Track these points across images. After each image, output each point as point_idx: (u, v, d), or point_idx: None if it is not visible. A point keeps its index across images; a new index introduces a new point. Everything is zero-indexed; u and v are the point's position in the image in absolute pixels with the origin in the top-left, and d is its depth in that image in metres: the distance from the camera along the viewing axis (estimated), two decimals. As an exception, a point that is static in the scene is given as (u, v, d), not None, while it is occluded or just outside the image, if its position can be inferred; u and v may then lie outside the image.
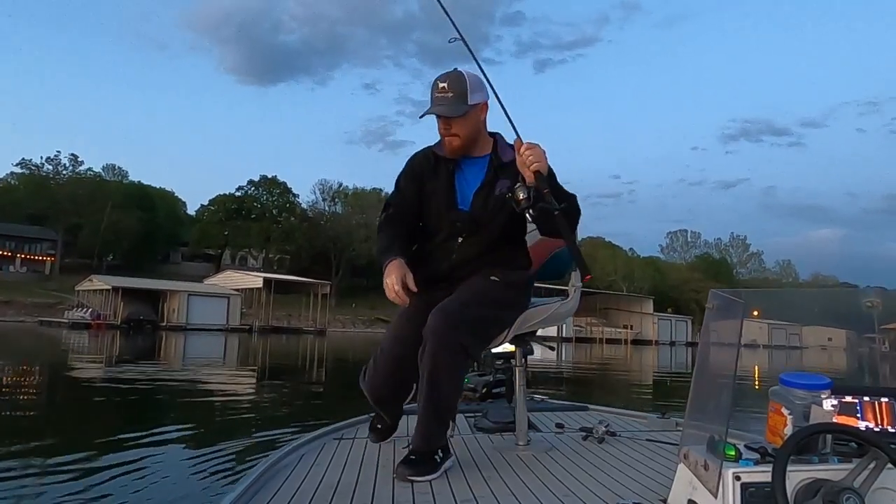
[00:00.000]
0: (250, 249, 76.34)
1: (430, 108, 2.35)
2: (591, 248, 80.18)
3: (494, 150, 2.47)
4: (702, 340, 2.01)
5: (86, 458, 4.37)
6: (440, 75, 2.37)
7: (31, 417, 6.77)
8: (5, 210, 62.92)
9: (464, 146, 2.41)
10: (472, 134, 2.41)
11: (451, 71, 2.38)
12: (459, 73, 2.35)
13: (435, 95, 2.35)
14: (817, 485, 1.54)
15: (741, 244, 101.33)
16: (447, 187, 2.44)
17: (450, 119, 2.34)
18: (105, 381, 10.83)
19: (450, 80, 2.33)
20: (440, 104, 2.33)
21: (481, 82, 2.37)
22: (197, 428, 6.13)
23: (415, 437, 2.30)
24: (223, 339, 31.67)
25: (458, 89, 2.32)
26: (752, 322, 1.86)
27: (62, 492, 3.54)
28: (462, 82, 2.33)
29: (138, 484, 3.75)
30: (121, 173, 74.80)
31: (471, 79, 2.35)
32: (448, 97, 2.32)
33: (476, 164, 2.46)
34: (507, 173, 2.39)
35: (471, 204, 2.42)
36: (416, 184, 2.47)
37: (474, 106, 2.35)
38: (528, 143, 2.22)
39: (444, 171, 2.45)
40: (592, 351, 35.65)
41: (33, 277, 61.44)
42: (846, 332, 2.53)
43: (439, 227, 2.47)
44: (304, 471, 2.32)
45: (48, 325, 40.87)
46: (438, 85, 2.34)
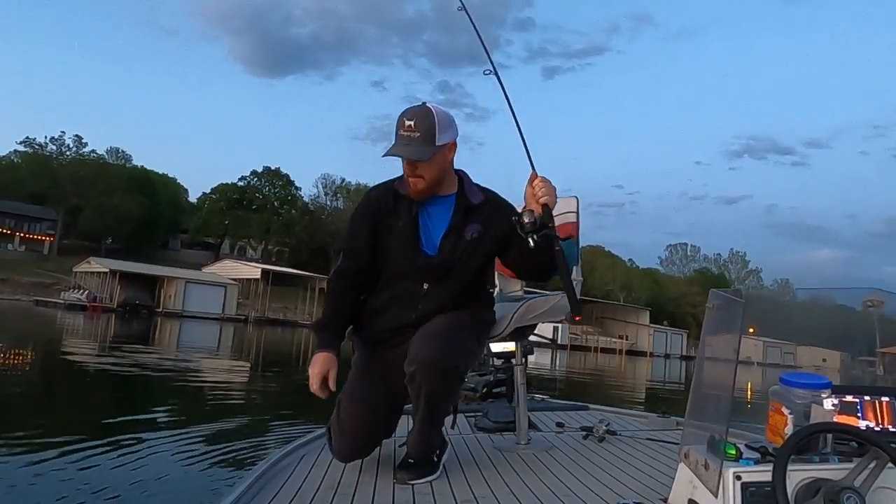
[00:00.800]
0: (250, 240, 76.20)
1: (393, 148, 2.16)
2: (590, 256, 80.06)
3: (461, 190, 2.32)
4: (702, 341, 2.01)
5: (79, 450, 4.26)
6: (407, 111, 2.18)
7: (15, 403, 6.67)
8: (7, 188, 62.73)
9: (429, 189, 2.25)
10: (439, 176, 2.25)
11: (419, 107, 2.19)
12: (427, 110, 2.17)
13: (400, 133, 2.16)
14: (818, 484, 1.55)
15: (740, 260, 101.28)
16: (410, 230, 2.27)
17: (418, 162, 2.18)
18: (97, 366, 10.79)
19: (417, 118, 2.14)
20: (406, 144, 2.15)
21: (450, 120, 2.21)
22: (191, 420, 6.05)
23: (412, 444, 2.28)
24: (218, 328, 31.59)
25: (426, 128, 2.13)
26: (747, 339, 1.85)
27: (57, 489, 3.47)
28: (430, 120, 2.14)
29: (135, 482, 3.68)
30: (124, 157, 74.67)
31: (439, 116, 2.17)
32: (415, 137, 2.13)
33: (442, 204, 2.31)
34: (477, 217, 2.29)
35: (438, 248, 2.27)
36: (371, 225, 2.30)
37: (442, 147, 2.18)
38: (542, 177, 2.18)
39: (406, 212, 2.28)
40: (587, 359, 35.62)
41: (31, 257, 61.33)
42: (840, 354, 2.53)
43: (402, 273, 2.30)
44: (305, 471, 2.32)
45: (44, 305, 40.76)
46: (405, 122, 2.15)
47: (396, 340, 2.29)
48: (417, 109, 2.17)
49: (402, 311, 2.29)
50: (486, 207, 2.32)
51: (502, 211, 2.33)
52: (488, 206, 2.32)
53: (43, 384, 8.42)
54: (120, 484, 3.62)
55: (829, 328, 2.47)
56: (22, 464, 3.84)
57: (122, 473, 3.81)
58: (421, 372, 2.08)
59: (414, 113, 2.16)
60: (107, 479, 3.67)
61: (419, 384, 2.10)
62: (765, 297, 4.72)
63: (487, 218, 2.30)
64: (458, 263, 2.27)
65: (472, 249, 2.27)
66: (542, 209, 2.11)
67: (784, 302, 2.58)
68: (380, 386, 2.28)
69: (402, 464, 2.28)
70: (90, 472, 3.79)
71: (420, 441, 2.26)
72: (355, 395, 2.29)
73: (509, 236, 2.24)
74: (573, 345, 52.14)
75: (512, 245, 2.27)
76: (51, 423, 5.33)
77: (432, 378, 2.09)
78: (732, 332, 1.76)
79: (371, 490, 2.13)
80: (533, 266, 2.31)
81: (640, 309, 65.32)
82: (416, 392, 2.12)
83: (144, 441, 4.76)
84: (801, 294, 2.56)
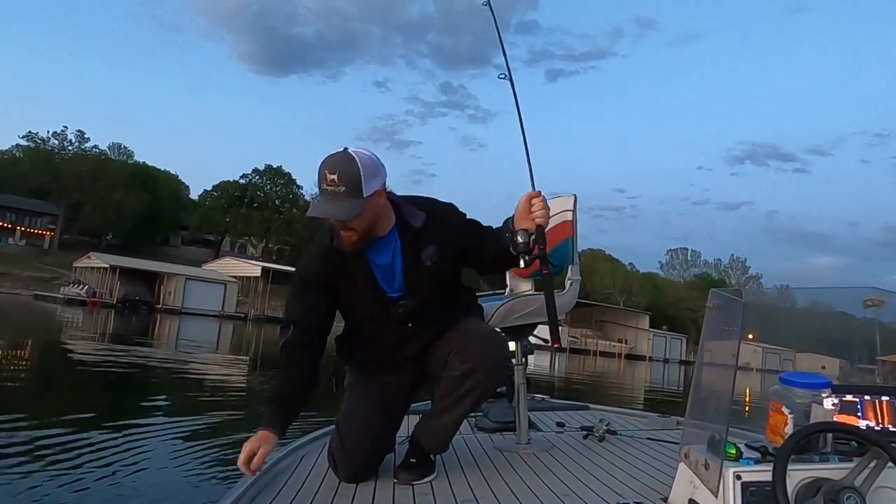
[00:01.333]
0: (250, 238, 76.14)
1: (318, 206, 1.99)
2: (591, 259, 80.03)
3: (401, 219, 2.19)
4: (702, 340, 2.02)
5: (76, 449, 4.25)
6: (328, 161, 1.99)
7: (10, 397, 6.65)
8: (8, 182, 62.73)
9: (365, 239, 2.11)
10: (372, 223, 2.10)
11: (341, 156, 2.00)
12: (350, 159, 1.98)
13: (323, 188, 1.99)
14: (818, 484, 1.55)
15: (741, 266, 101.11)
16: (370, 284, 2.17)
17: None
18: (94, 361, 10.77)
19: (339, 171, 1.95)
20: (330, 201, 1.97)
21: (375, 165, 2.03)
22: (190, 419, 6.00)
23: (436, 441, 2.30)
24: (218, 326, 31.59)
25: (350, 180, 1.95)
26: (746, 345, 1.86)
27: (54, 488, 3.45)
28: (354, 170, 1.96)
29: (134, 482, 3.68)
30: (126, 153, 74.71)
31: (363, 164, 1.98)
32: (339, 192, 1.96)
33: (386, 243, 2.18)
34: (426, 238, 2.19)
35: (404, 287, 2.19)
36: (322, 292, 2.18)
37: (370, 196, 2.00)
38: (541, 196, 2.09)
39: (357, 267, 2.16)
40: (586, 362, 35.57)
41: (32, 251, 61.29)
42: (840, 361, 2.53)
43: (381, 326, 2.25)
44: (305, 472, 2.32)
45: (43, 299, 40.75)
46: (327, 175, 1.96)
47: (397, 369, 2.33)
48: (339, 160, 1.98)
49: (397, 352, 2.29)
50: (432, 225, 2.21)
51: (448, 223, 2.25)
52: (433, 224, 2.21)
53: (39, 379, 8.42)
54: (118, 483, 3.61)
55: (828, 334, 2.47)
56: (14, 462, 3.83)
57: (121, 473, 3.81)
58: (481, 372, 2.15)
59: (336, 164, 1.97)
60: (104, 478, 3.67)
61: (474, 383, 2.15)
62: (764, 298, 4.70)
63: (437, 236, 2.21)
64: (429, 295, 2.22)
65: (435, 274, 2.21)
66: (536, 230, 2.06)
67: (783, 308, 2.57)
68: (378, 404, 2.29)
69: (404, 464, 2.28)
70: (87, 470, 3.79)
71: (446, 439, 2.31)
72: (355, 417, 2.28)
73: (467, 245, 2.23)
74: (572, 348, 52.05)
75: (472, 252, 2.24)
76: (46, 419, 5.31)
77: (492, 378, 2.21)
78: (732, 331, 1.76)
79: (371, 490, 2.13)
80: (502, 265, 2.30)
81: (639, 313, 65.27)
82: (468, 389, 2.16)
83: (143, 440, 4.75)
84: (800, 294, 2.56)
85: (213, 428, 5.64)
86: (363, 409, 2.29)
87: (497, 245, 2.14)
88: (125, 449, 4.40)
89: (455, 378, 2.17)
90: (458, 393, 2.18)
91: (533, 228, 2.05)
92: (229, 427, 5.78)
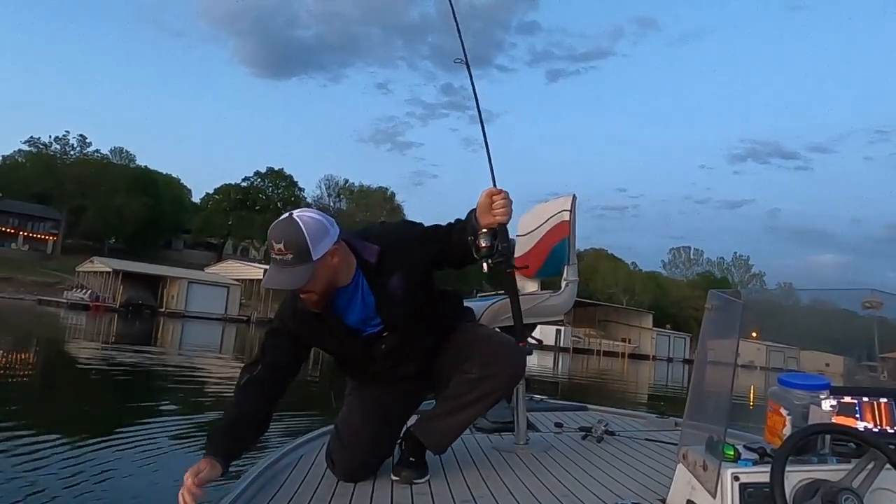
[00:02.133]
0: (253, 241, 76.17)
1: (270, 278, 1.96)
2: (593, 259, 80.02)
3: (359, 258, 2.12)
4: (701, 341, 2.01)
5: (74, 448, 4.29)
6: (274, 229, 1.96)
7: (14, 400, 6.67)
8: (11, 187, 62.93)
9: (325, 297, 2.07)
10: (329, 282, 2.05)
11: (285, 222, 1.96)
12: (294, 225, 1.93)
13: (273, 257, 1.97)
14: (816, 485, 1.55)
15: (743, 264, 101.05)
16: (345, 333, 2.16)
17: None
18: (98, 365, 10.79)
19: (285, 239, 1.91)
20: (281, 270, 1.94)
21: (322, 227, 1.97)
22: (190, 420, 6.08)
23: (441, 440, 2.30)
24: (221, 329, 31.64)
25: (297, 246, 1.91)
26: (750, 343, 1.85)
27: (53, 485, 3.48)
28: (299, 237, 1.92)
29: (133, 481, 3.70)
30: (128, 157, 74.81)
31: (309, 229, 1.93)
32: (288, 259, 1.92)
33: (354, 287, 2.14)
34: (387, 270, 2.13)
35: (383, 323, 2.17)
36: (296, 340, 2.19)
37: (322, 258, 1.95)
38: (503, 192, 2.08)
39: (331, 321, 2.14)
40: (589, 362, 35.56)
41: (35, 256, 61.40)
42: (843, 359, 2.53)
43: (371, 369, 2.26)
44: (304, 471, 2.32)
45: (47, 304, 40.85)
46: (274, 245, 1.94)
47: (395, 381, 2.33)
48: (283, 228, 1.94)
49: (395, 372, 2.27)
50: (389, 255, 2.15)
51: (406, 246, 2.18)
52: (390, 253, 2.15)
53: (42, 382, 8.45)
54: (117, 482, 3.62)
55: (831, 332, 2.47)
56: (17, 462, 3.85)
57: (120, 472, 3.82)
58: (498, 378, 2.17)
59: (281, 233, 1.93)
60: (103, 476, 3.68)
61: (489, 389, 2.17)
62: (763, 298, 4.70)
63: (398, 263, 2.15)
64: (409, 321, 2.18)
65: (407, 298, 2.15)
66: (498, 227, 2.07)
67: (787, 306, 2.57)
68: (379, 405, 2.29)
69: (403, 462, 2.27)
70: (87, 469, 3.80)
71: (449, 440, 2.32)
72: (354, 416, 2.29)
73: (432, 257, 2.19)
74: (575, 348, 52.08)
75: (440, 260, 2.21)
76: (48, 421, 5.34)
77: (507, 386, 2.28)
78: (731, 332, 1.76)
79: (370, 490, 2.12)
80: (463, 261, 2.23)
81: (643, 312, 65.23)
82: (485, 393, 2.17)
83: (142, 440, 4.76)
84: (800, 294, 2.55)
85: (207, 425, 5.65)
86: (363, 409, 2.29)
87: (459, 245, 2.13)
88: (124, 450, 4.42)
89: (471, 381, 2.16)
90: (470, 396, 2.18)
91: (495, 226, 2.07)
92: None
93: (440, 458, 2.48)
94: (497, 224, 2.07)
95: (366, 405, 2.30)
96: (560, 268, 2.91)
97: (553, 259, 2.89)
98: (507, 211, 2.07)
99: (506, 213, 2.07)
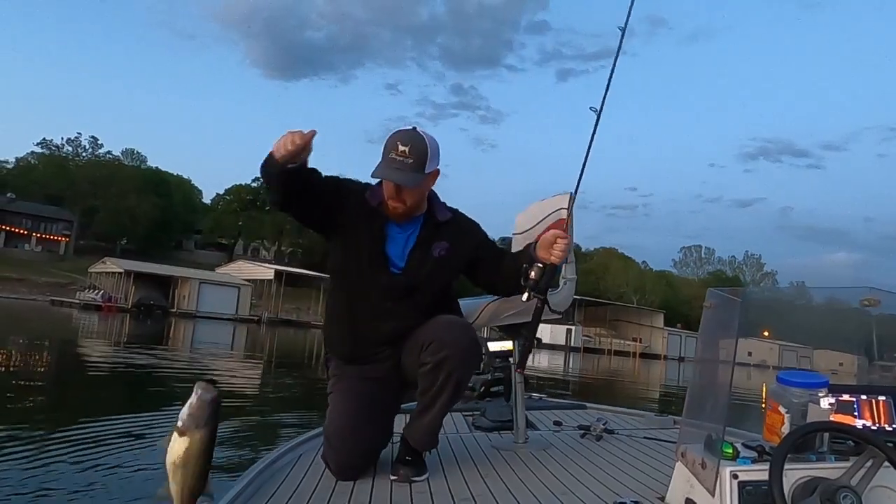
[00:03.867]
0: (263, 241, 76.61)
1: (383, 170, 2.09)
2: (603, 258, 79.90)
3: (430, 209, 2.29)
4: (699, 339, 2.01)
5: (75, 446, 4.32)
6: (400, 133, 2.13)
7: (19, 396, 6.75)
8: (24, 189, 63.58)
9: (407, 214, 2.22)
10: (420, 200, 2.23)
11: (411, 131, 2.14)
12: (421, 137, 2.13)
13: (391, 156, 2.09)
14: (814, 483, 1.54)
15: (755, 263, 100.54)
16: (377, 247, 2.23)
17: (404, 187, 2.14)
18: (108, 364, 10.90)
19: (412, 144, 2.09)
20: (398, 168, 2.08)
21: (438, 149, 2.18)
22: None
23: (424, 437, 2.28)
24: (232, 329, 31.75)
25: (418, 155, 2.10)
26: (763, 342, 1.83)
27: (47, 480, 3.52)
28: (423, 148, 2.11)
29: (133, 480, 3.71)
30: (139, 158, 75.53)
31: (431, 144, 2.14)
32: (407, 163, 2.08)
33: (410, 224, 2.27)
34: (444, 235, 2.28)
35: (405, 266, 2.25)
36: (342, 201, 2.22)
37: (428, 175, 2.15)
38: (568, 238, 2.24)
39: (375, 227, 2.23)
40: (600, 362, 35.46)
41: (48, 257, 61.93)
42: (857, 358, 2.51)
43: (366, 289, 2.26)
44: (302, 470, 2.31)
45: (59, 304, 41.16)
46: (398, 146, 2.09)
47: (373, 357, 2.31)
48: (412, 134, 2.12)
49: (371, 328, 2.28)
50: (454, 226, 2.32)
51: (470, 232, 2.37)
52: (456, 225, 2.33)
53: (51, 380, 8.51)
54: (117, 480, 3.65)
55: (844, 331, 2.45)
56: (17, 458, 3.90)
57: (120, 470, 3.85)
58: (453, 358, 2.15)
59: (409, 138, 2.11)
60: (102, 474, 3.71)
61: (449, 372, 2.15)
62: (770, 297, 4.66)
63: (455, 237, 2.30)
64: (423, 282, 2.26)
65: (438, 267, 2.27)
66: (548, 267, 2.20)
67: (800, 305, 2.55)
68: (360, 399, 2.27)
69: (400, 460, 2.27)
70: (87, 467, 3.84)
71: (433, 434, 2.29)
72: (336, 413, 2.28)
73: (476, 258, 2.32)
74: (586, 347, 51.94)
75: (479, 267, 2.35)
76: (50, 418, 5.39)
77: (464, 362, 2.19)
78: (729, 331, 1.75)
79: (369, 489, 2.12)
80: (507, 287, 2.39)
81: (654, 311, 64.97)
82: (445, 378, 2.16)
83: (144, 438, 4.81)
84: (800, 292, 2.53)
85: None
86: (343, 405, 2.28)
87: (512, 268, 2.28)
88: (126, 449, 4.44)
89: (429, 371, 2.17)
90: (435, 386, 2.18)
91: (548, 263, 2.20)
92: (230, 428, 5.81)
93: (439, 457, 2.48)
94: (550, 262, 2.20)
95: (345, 401, 2.29)
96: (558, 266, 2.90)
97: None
98: (563, 255, 2.21)
99: (561, 257, 2.21)
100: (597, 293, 68.22)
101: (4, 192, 63.62)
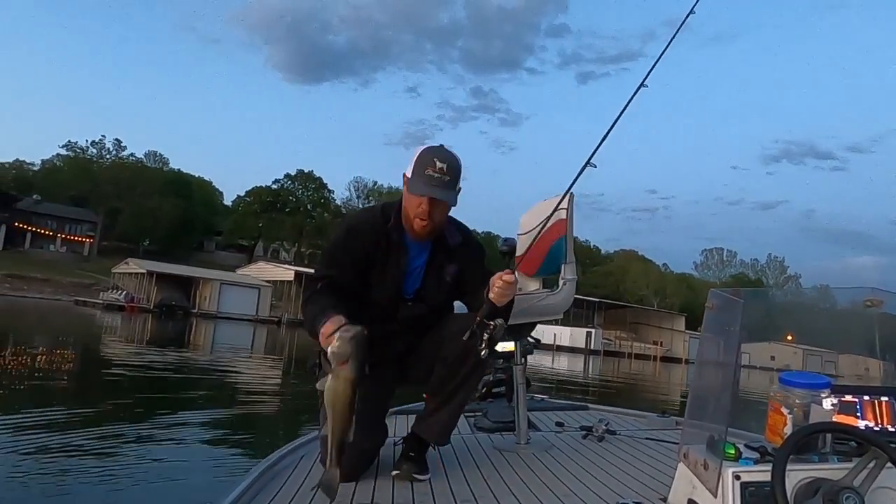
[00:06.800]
0: (283, 242, 77.12)
1: (425, 187, 2.10)
2: (623, 261, 79.42)
3: (441, 231, 2.28)
4: (701, 340, 1.99)
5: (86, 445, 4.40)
6: (437, 151, 2.15)
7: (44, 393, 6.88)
8: (49, 190, 64.53)
9: (434, 232, 2.22)
10: (445, 220, 2.25)
11: (447, 151, 2.18)
12: (454, 155, 2.17)
13: (430, 174, 2.10)
14: (817, 484, 1.53)
15: (779, 266, 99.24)
16: (397, 274, 2.24)
17: (439, 204, 2.14)
18: (128, 364, 11.05)
19: (449, 163, 2.12)
20: (439, 186, 2.10)
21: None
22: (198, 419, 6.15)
23: (440, 433, 2.30)
24: (252, 330, 32.01)
25: (454, 175, 2.13)
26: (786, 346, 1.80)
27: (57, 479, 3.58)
28: (458, 166, 2.15)
29: (137, 480, 3.76)
30: (162, 160, 76.31)
31: (461, 163, 2.18)
32: (445, 180, 2.11)
33: (423, 247, 2.28)
34: (455, 258, 2.30)
35: (421, 289, 2.28)
36: (359, 264, 2.21)
37: (458, 193, 2.19)
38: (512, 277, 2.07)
39: (395, 255, 2.23)
40: (620, 365, 35.27)
41: (72, 257, 62.80)
42: (882, 364, 2.47)
43: (384, 313, 2.26)
44: (304, 472, 2.32)
45: (83, 304, 41.74)
46: (436, 164, 2.11)
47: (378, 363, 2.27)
48: (448, 153, 2.15)
49: (385, 348, 2.25)
50: (464, 250, 2.33)
51: (476, 257, 2.36)
52: (465, 250, 2.33)
53: (71, 379, 8.66)
54: (120, 480, 3.70)
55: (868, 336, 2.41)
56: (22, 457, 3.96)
57: (123, 469, 3.90)
58: (464, 357, 2.16)
59: (446, 157, 2.13)
60: (107, 474, 3.76)
61: (467, 370, 2.19)
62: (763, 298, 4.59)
63: (464, 262, 2.32)
64: (436, 306, 2.32)
65: (449, 291, 2.32)
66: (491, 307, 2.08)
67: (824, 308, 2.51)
68: (368, 403, 2.26)
69: (404, 457, 2.27)
70: (92, 466, 3.89)
71: (448, 430, 2.31)
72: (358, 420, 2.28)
73: (476, 284, 2.23)
74: (606, 350, 51.67)
75: (475, 293, 2.24)
76: (55, 417, 5.46)
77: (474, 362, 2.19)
78: (732, 332, 1.73)
79: (370, 489, 2.12)
80: None
81: (675, 315, 64.48)
82: (467, 371, 2.19)
83: (149, 439, 4.88)
84: (803, 293, 2.49)
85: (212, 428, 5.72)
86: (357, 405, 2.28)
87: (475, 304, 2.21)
88: (128, 447, 4.52)
89: (450, 364, 2.20)
90: (457, 378, 2.21)
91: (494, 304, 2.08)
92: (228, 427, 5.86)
93: (441, 458, 2.47)
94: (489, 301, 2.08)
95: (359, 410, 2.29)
96: (558, 266, 2.89)
97: (551, 258, 2.87)
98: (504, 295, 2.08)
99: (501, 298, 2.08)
100: (617, 296, 67.87)
101: (30, 193, 64.58)
